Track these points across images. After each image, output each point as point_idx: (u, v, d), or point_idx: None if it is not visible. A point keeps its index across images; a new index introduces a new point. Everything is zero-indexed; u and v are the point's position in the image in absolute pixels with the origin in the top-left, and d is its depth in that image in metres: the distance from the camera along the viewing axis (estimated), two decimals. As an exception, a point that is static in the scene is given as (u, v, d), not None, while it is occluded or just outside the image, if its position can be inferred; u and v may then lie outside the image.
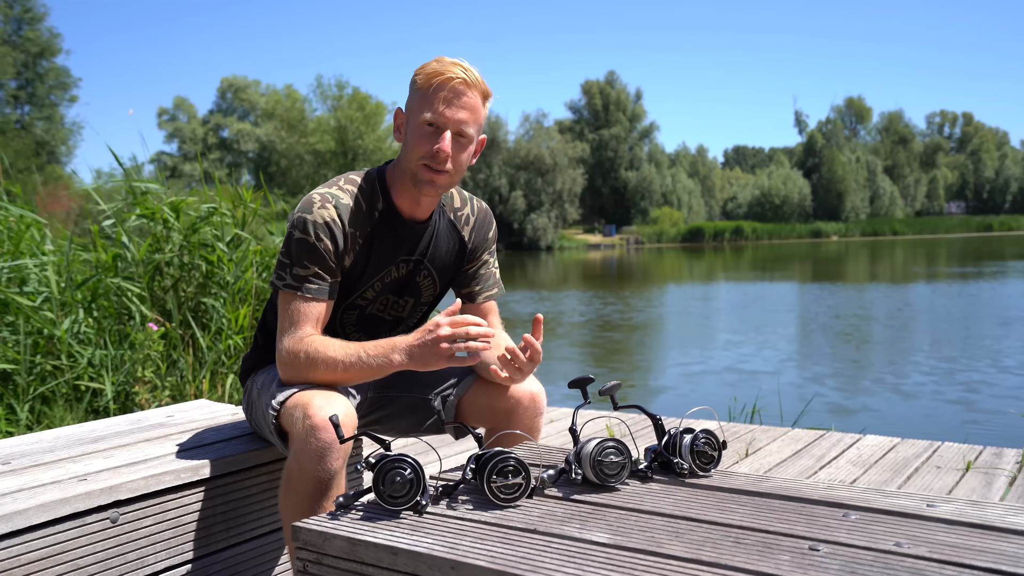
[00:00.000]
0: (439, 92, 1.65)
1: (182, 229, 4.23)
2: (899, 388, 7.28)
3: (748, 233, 68.10)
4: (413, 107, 1.70)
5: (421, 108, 1.67)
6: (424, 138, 1.68)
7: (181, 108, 61.22)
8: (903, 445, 3.41)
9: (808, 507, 1.27)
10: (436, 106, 1.66)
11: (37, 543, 1.42)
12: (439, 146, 1.66)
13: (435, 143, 1.67)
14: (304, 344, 1.64)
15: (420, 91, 1.68)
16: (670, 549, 1.10)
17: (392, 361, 1.61)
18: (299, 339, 1.65)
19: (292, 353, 1.65)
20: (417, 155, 1.69)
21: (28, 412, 3.43)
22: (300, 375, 1.65)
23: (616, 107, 70.34)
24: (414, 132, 1.69)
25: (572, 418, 1.53)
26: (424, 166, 1.69)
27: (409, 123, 1.71)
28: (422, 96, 1.67)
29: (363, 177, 1.77)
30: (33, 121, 37.64)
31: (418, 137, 1.68)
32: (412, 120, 1.70)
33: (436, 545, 1.14)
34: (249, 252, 4.39)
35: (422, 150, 1.68)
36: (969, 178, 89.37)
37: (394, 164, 1.79)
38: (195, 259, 4.22)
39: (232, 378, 4.00)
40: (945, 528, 1.16)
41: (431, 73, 1.66)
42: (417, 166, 1.69)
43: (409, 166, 1.71)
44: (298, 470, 1.52)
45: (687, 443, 1.44)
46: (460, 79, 1.66)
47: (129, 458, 1.72)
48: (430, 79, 1.66)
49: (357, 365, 1.63)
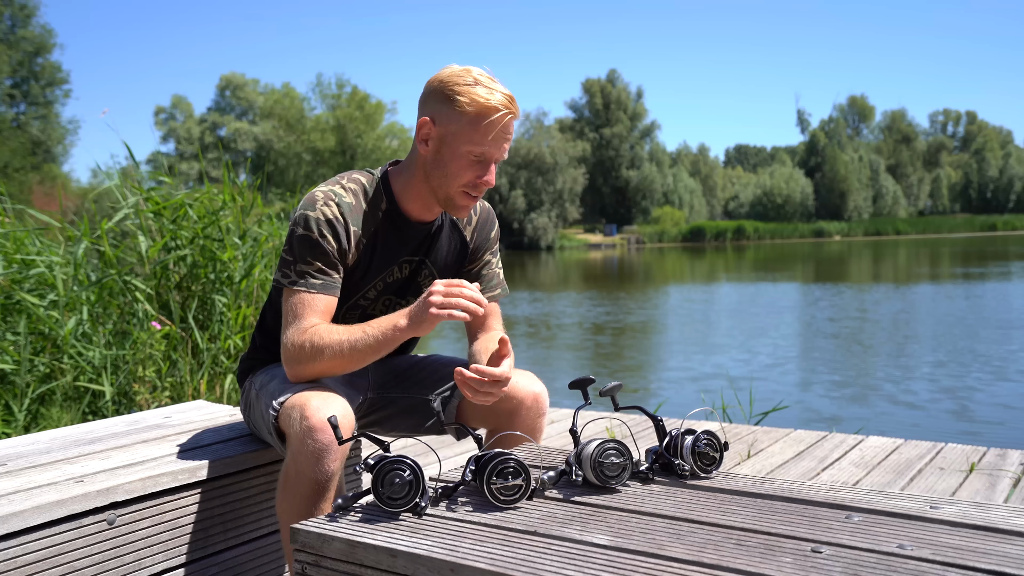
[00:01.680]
0: (492, 128, 1.63)
1: (191, 225, 4.21)
2: (902, 389, 7.27)
3: (750, 233, 68.05)
4: (457, 132, 1.65)
5: (470, 139, 1.64)
6: (469, 168, 1.67)
7: (179, 107, 61.09)
8: (906, 446, 3.40)
9: (810, 509, 1.26)
10: (487, 141, 1.64)
11: (33, 545, 1.42)
12: (486, 178, 1.67)
13: (481, 175, 1.67)
14: (307, 334, 1.62)
15: (469, 120, 1.63)
16: (671, 551, 1.09)
17: (397, 326, 1.59)
18: (302, 330, 1.63)
19: (297, 345, 1.63)
20: (460, 183, 1.68)
21: (25, 413, 3.41)
22: (307, 367, 1.63)
23: (617, 106, 70.28)
24: (458, 159, 1.66)
25: (573, 419, 1.52)
26: (464, 193, 1.69)
27: (449, 146, 1.66)
28: (471, 126, 1.63)
29: (366, 177, 1.76)
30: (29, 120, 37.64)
31: (463, 165, 1.67)
32: (455, 145, 1.66)
33: (435, 547, 1.13)
34: (260, 244, 4.36)
35: (467, 179, 1.67)
36: (973, 177, 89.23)
37: (400, 167, 1.78)
38: (206, 256, 4.18)
39: (230, 378, 3.98)
40: (949, 530, 1.15)
41: (484, 106, 1.62)
42: (457, 192, 1.69)
43: (448, 190, 1.69)
44: (295, 472, 1.51)
45: (688, 444, 1.43)
46: (512, 115, 1.65)
47: (126, 459, 1.71)
48: (483, 113, 1.62)
49: (363, 341, 1.60)
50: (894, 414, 6.30)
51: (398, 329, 1.59)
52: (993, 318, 12.33)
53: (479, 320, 1.90)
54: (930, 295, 16.68)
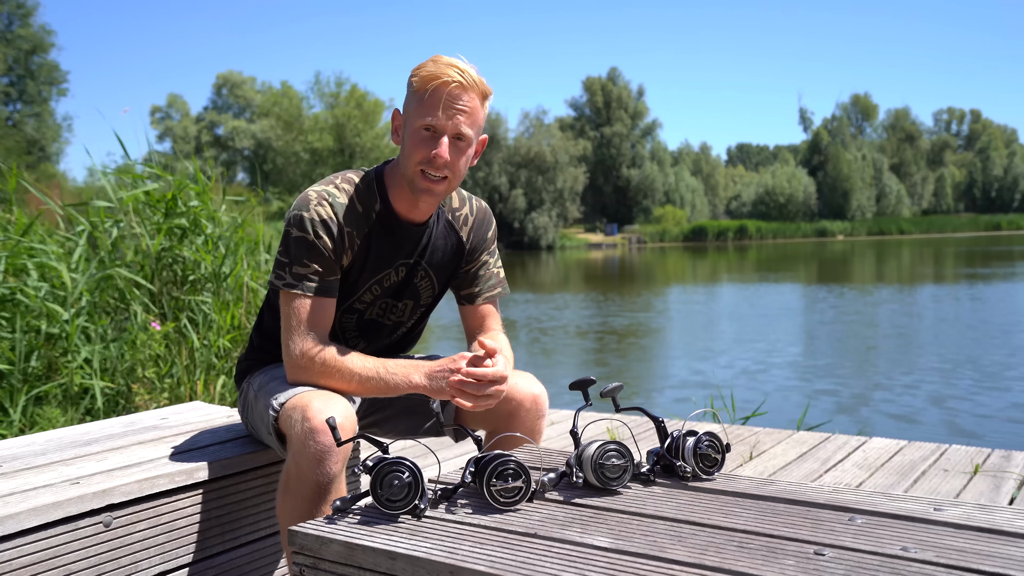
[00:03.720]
0: (436, 96, 1.62)
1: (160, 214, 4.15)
2: (906, 390, 7.25)
3: (752, 232, 67.96)
4: (410, 111, 1.67)
5: (418, 112, 1.64)
6: (421, 143, 1.65)
7: (174, 106, 60.97)
8: (910, 448, 3.38)
9: (813, 511, 1.25)
10: (433, 111, 1.62)
11: (29, 547, 1.41)
12: (437, 151, 1.64)
13: (432, 148, 1.64)
14: (319, 349, 1.64)
15: (416, 94, 1.64)
16: (673, 554, 1.09)
17: (411, 380, 1.64)
18: (312, 342, 1.64)
19: (307, 357, 1.63)
20: (414, 161, 1.66)
21: (20, 414, 3.39)
22: (311, 379, 1.64)
23: (618, 104, 70.16)
24: (411, 137, 1.66)
25: (573, 420, 1.51)
26: (421, 172, 1.66)
27: (406, 127, 1.68)
28: (418, 100, 1.64)
29: (360, 177, 1.75)
30: (24, 118, 37.63)
31: (415, 142, 1.65)
32: (409, 124, 1.67)
33: (434, 549, 1.12)
34: (239, 234, 4.31)
35: (419, 155, 1.65)
36: (977, 176, 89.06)
37: (393, 165, 1.77)
38: (181, 250, 4.14)
39: (223, 379, 3.95)
40: (953, 532, 1.15)
41: (427, 76, 1.62)
42: (414, 172, 1.67)
43: (407, 172, 1.68)
44: (297, 473, 1.51)
45: (690, 446, 1.42)
46: (457, 82, 1.62)
47: (123, 461, 1.70)
48: (426, 82, 1.62)
49: (375, 380, 1.64)
50: (898, 415, 6.28)
51: (411, 385, 1.64)
52: (997, 319, 12.31)
53: (478, 321, 1.89)
54: (934, 296, 16.66)
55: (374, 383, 1.64)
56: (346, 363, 1.63)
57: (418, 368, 1.64)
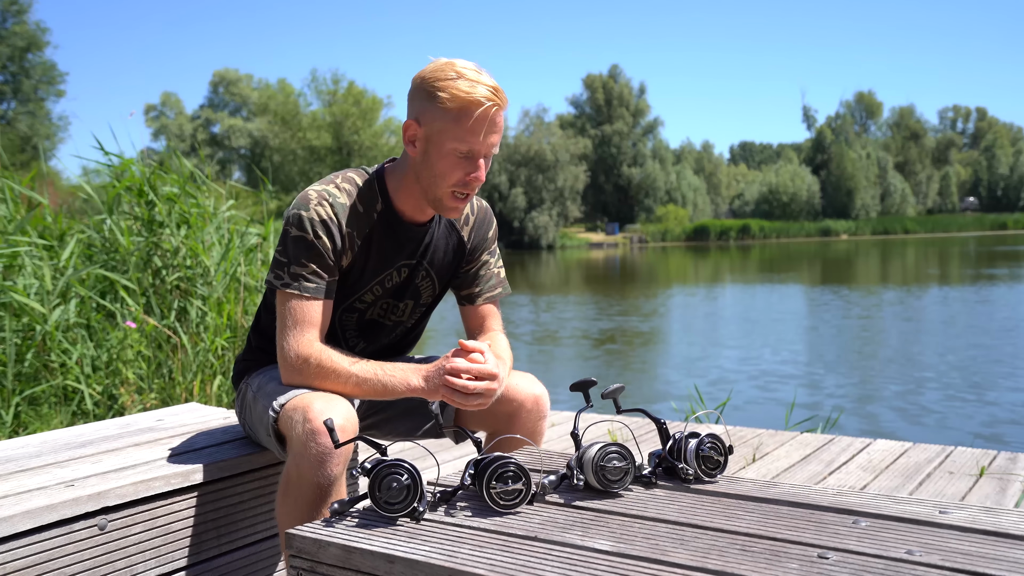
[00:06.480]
0: (479, 124, 1.57)
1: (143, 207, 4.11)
2: (910, 391, 7.23)
3: (755, 231, 67.85)
4: (442, 130, 1.59)
5: (455, 136, 1.58)
6: (457, 166, 1.61)
7: (168, 104, 60.87)
8: (915, 450, 3.37)
9: (817, 514, 1.24)
10: (474, 137, 1.58)
11: (22, 551, 1.40)
12: (475, 175, 1.62)
13: (470, 171, 1.62)
14: (316, 354, 1.61)
15: (450, 114, 1.57)
16: (675, 557, 1.08)
17: (409, 383, 1.61)
18: (308, 343, 1.62)
19: (301, 357, 1.61)
20: (448, 183, 1.62)
21: (13, 416, 3.36)
22: (306, 381, 1.62)
23: (619, 102, 70.06)
24: (444, 158, 1.61)
25: (574, 422, 1.50)
26: (453, 194, 1.64)
27: (435, 145, 1.61)
28: (455, 122, 1.57)
29: (361, 176, 1.73)
30: (18, 116, 37.64)
31: (450, 164, 1.61)
32: (440, 144, 1.60)
33: (434, 553, 1.11)
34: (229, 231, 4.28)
35: (454, 178, 1.62)
36: (983, 175, 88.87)
37: (395, 166, 1.75)
38: (160, 241, 4.09)
39: (219, 380, 3.91)
40: (958, 535, 1.14)
41: (464, 99, 1.55)
42: (446, 193, 1.64)
43: (435, 191, 1.65)
44: (297, 475, 1.50)
45: (692, 448, 1.41)
46: (496, 105, 1.58)
47: (118, 463, 1.69)
48: (465, 107, 1.56)
49: (372, 382, 1.61)
50: (902, 417, 6.26)
51: (410, 387, 1.61)
52: (1003, 321, 12.28)
53: (478, 321, 1.88)
54: (940, 297, 16.62)
55: (371, 385, 1.62)
56: (342, 365, 1.61)
57: (416, 371, 1.62)
